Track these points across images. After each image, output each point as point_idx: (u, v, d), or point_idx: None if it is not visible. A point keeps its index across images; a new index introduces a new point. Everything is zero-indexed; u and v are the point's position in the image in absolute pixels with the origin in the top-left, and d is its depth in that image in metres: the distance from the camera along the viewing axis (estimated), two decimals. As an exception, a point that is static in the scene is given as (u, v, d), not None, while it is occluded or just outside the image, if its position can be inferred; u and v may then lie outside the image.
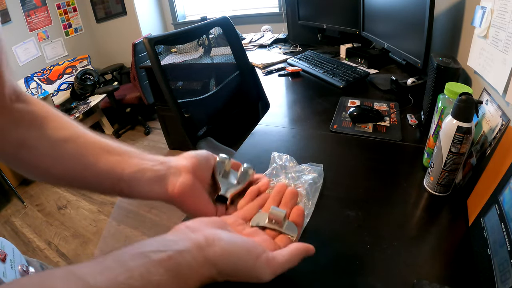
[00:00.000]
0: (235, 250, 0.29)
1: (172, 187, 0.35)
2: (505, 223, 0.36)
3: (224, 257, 0.28)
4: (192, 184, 0.35)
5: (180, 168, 0.36)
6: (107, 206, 1.97)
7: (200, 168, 0.38)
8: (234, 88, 1.28)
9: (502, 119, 0.49)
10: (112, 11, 3.08)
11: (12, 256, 0.44)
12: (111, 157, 0.34)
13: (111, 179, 0.33)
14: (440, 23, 0.95)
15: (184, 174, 0.36)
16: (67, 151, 0.33)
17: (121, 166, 0.34)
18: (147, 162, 0.35)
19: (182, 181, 0.35)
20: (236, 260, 0.29)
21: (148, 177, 0.34)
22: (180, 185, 0.35)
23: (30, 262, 0.48)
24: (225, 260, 0.28)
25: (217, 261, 0.27)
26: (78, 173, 0.33)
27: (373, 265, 0.42)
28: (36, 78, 2.70)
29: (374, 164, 0.64)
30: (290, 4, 1.74)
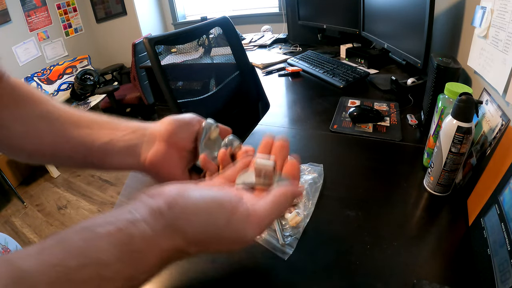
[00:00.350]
0: (202, 206, 0.23)
1: (144, 156, 0.33)
2: (505, 223, 0.36)
3: (188, 216, 0.23)
4: (165, 152, 0.33)
5: (154, 135, 0.34)
6: (107, 206, 1.97)
7: (178, 135, 0.34)
8: (234, 88, 1.28)
9: (502, 119, 0.49)
10: (112, 11, 3.08)
11: None
12: (81, 130, 0.33)
13: (82, 152, 0.32)
14: (440, 23, 0.95)
15: (158, 142, 0.33)
16: (38, 128, 0.32)
17: (91, 138, 0.33)
18: (117, 133, 0.34)
19: (155, 149, 0.33)
20: (206, 218, 0.23)
21: (119, 148, 0.33)
22: (152, 154, 0.33)
23: None
24: (191, 220, 0.23)
25: (181, 224, 0.22)
26: (49, 149, 0.33)
27: (373, 265, 0.42)
28: (36, 78, 2.70)
29: (374, 164, 0.64)
30: (290, 4, 1.74)
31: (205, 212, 0.23)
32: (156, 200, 0.23)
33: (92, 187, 2.19)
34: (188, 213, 0.23)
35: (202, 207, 0.24)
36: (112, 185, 2.17)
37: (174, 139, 0.34)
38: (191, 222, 0.23)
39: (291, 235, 0.47)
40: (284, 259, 0.44)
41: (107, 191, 2.11)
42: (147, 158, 0.33)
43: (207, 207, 0.24)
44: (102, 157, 0.33)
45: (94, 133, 0.33)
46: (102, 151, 0.33)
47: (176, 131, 0.34)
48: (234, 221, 0.24)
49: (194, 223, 0.23)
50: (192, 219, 0.23)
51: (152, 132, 0.34)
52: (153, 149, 0.33)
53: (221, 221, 0.24)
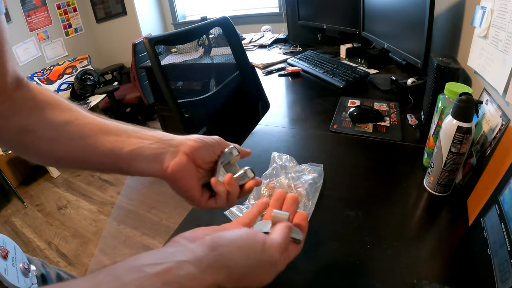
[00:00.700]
0: (240, 242, 0.28)
1: (166, 165, 0.36)
2: (505, 223, 0.36)
3: (231, 253, 0.27)
4: (185, 165, 0.36)
5: (179, 147, 0.37)
6: (107, 206, 1.97)
7: (200, 153, 0.37)
8: (234, 88, 1.28)
9: (502, 119, 0.49)
10: (112, 11, 3.08)
11: (14, 254, 0.45)
12: (110, 138, 0.35)
13: (111, 158, 0.35)
14: (440, 23, 0.95)
15: (180, 154, 0.36)
16: (67, 133, 0.34)
17: (120, 145, 0.35)
18: (144, 141, 0.36)
19: (176, 161, 0.36)
20: (246, 252, 0.28)
21: (146, 155, 0.35)
22: (174, 164, 0.36)
23: (31, 260, 0.48)
24: (234, 256, 0.27)
25: (224, 261, 0.26)
26: (79, 154, 0.35)
27: (373, 265, 0.42)
28: (36, 78, 2.70)
29: (374, 164, 0.64)
30: (290, 4, 1.74)
31: (244, 246, 0.28)
32: (197, 244, 0.27)
33: (92, 187, 2.19)
34: (230, 250, 0.27)
35: (240, 243, 0.28)
36: (112, 185, 2.17)
37: (196, 156, 0.37)
38: (233, 258, 0.27)
39: (291, 235, 0.47)
40: (284, 259, 0.44)
41: (107, 191, 2.12)
42: (169, 166, 0.36)
43: (244, 242, 0.28)
44: (130, 163, 0.35)
45: (123, 140, 0.35)
46: (131, 157, 0.35)
47: (199, 150, 0.37)
48: (267, 249, 0.29)
49: (236, 258, 0.27)
50: (235, 255, 0.27)
51: (178, 144, 0.37)
52: (176, 159, 0.36)
53: (258, 251, 0.28)
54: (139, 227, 1.73)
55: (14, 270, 0.43)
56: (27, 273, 0.44)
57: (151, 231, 1.69)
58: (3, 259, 0.42)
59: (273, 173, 0.61)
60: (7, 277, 0.40)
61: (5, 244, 0.44)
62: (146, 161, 0.35)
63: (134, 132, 0.37)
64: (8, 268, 0.42)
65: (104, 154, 0.35)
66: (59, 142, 0.34)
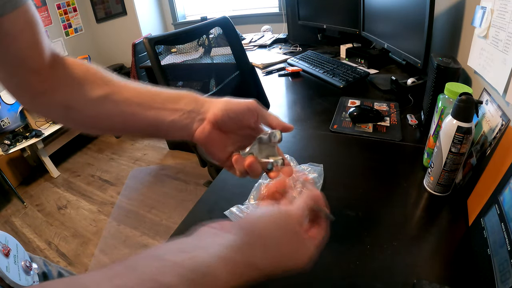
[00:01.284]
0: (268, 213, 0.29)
1: (193, 132, 0.40)
2: (505, 223, 0.36)
3: (262, 225, 0.27)
4: (208, 133, 0.39)
5: (205, 116, 0.39)
6: (107, 206, 1.97)
7: (224, 121, 0.39)
8: (234, 88, 1.28)
9: (502, 119, 0.49)
10: (112, 11, 3.08)
11: (15, 252, 0.45)
12: (150, 111, 0.38)
13: (152, 128, 0.39)
14: (440, 23, 0.95)
15: (205, 123, 0.39)
16: (106, 110, 0.37)
17: (160, 118, 0.39)
18: (176, 113, 0.39)
19: (200, 130, 0.39)
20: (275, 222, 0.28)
21: (179, 126, 0.39)
22: (198, 132, 0.39)
23: (33, 258, 0.48)
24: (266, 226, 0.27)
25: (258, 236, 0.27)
26: (121, 126, 0.39)
27: (373, 265, 0.42)
28: (36, 78, 2.70)
29: (374, 164, 0.64)
30: (290, 4, 1.74)
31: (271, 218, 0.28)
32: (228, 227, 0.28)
33: (92, 187, 2.19)
34: (260, 226, 0.27)
35: (267, 217, 0.28)
36: (112, 185, 2.17)
37: (220, 124, 0.39)
38: (265, 230, 0.27)
39: (291, 235, 0.47)
40: (284, 259, 0.44)
41: (107, 191, 2.12)
42: (195, 134, 0.39)
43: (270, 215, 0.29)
44: (167, 130, 0.39)
45: (161, 114, 0.39)
46: (168, 127, 0.39)
47: (223, 119, 0.38)
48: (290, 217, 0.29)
49: (267, 230, 0.27)
50: (266, 227, 0.27)
51: (205, 111, 0.39)
52: (200, 128, 0.39)
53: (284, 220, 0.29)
54: (139, 227, 1.73)
55: (16, 268, 0.43)
56: (29, 271, 0.44)
57: (151, 231, 1.69)
58: (5, 257, 0.42)
59: (273, 173, 0.61)
60: (8, 275, 0.40)
61: (7, 242, 0.45)
62: (179, 130, 0.40)
63: (168, 103, 0.40)
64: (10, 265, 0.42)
65: (144, 127, 0.39)
66: (100, 118, 0.38)
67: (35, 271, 0.46)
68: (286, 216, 0.29)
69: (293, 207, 0.30)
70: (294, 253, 0.29)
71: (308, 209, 0.32)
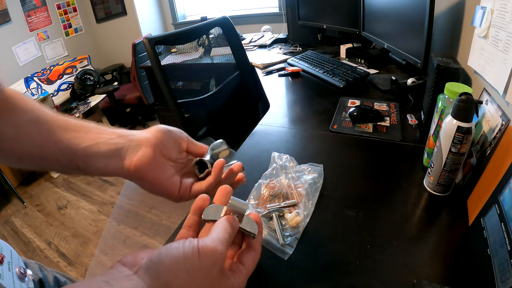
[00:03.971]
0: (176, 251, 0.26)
1: (129, 161, 0.33)
2: (505, 223, 0.36)
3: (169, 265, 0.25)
4: (151, 157, 0.33)
5: (141, 140, 0.34)
6: (107, 206, 1.97)
7: (165, 143, 0.35)
8: (234, 88, 1.28)
9: (502, 119, 0.49)
10: (112, 11, 3.08)
11: (10, 258, 0.44)
12: (68, 134, 0.33)
13: (67, 155, 0.33)
14: (440, 23, 0.95)
15: (144, 147, 0.34)
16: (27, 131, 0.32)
17: (77, 141, 0.33)
18: (104, 136, 0.34)
19: (141, 153, 0.33)
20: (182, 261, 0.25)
21: (104, 151, 0.33)
22: (138, 158, 0.33)
23: (28, 264, 0.47)
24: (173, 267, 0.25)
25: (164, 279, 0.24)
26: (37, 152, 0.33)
27: (373, 265, 0.42)
28: (36, 78, 2.70)
29: (374, 164, 0.64)
30: (290, 4, 1.74)
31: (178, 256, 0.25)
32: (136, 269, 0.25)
33: (92, 187, 2.19)
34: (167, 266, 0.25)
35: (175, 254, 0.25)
36: (112, 185, 2.17)
37: (161, 147, 0.35)
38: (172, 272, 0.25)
39: (291, 235, 0.47)
40: (284, 259, 0.44)
41: (107, 191, 2.12)
42: (133, 162, 0.33)
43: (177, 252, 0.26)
44: (86, 160, 0.33)
45: (80, 136, 0.33)
46: (87, 153, 0.33)
47: (164, 139, 0.35)
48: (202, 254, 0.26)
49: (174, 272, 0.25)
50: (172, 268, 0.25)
51: (139, 138, 0.35)
52: (140, 153, 0.33)
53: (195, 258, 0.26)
54: (139, 227, 1.73)
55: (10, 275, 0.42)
56: (23, 277, 0.43)
57: (151, 231, 1.69)
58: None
59: (273, 173, 0.61)
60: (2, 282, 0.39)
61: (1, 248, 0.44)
62: (104, 157, 0.33)
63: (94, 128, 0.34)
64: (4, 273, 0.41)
65: (61, 151, 0.32)
66: (19, 141, 0.32)
67: (30, 278, 0.45)
68: (198, 255, 0.25)
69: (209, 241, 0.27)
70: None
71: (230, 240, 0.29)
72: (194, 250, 0.26)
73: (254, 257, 0.32)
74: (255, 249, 0.32)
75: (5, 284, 0.39)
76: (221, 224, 0.29)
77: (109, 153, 0.33)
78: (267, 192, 0.56)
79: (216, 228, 0.29)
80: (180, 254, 0.25)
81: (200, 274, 0.25)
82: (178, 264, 0.25)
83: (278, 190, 0.55)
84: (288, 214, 0.50)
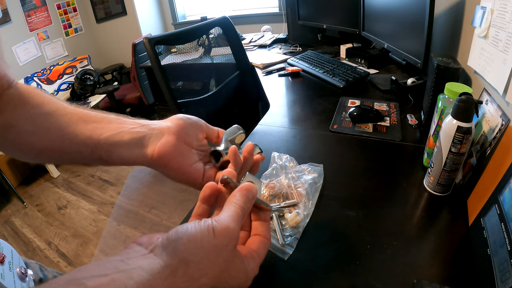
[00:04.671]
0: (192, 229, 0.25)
1: (152, 148, 0.33)
2: (505, 223, 0.36)
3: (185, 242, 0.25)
4: (174, 144, 0.34)
5: (163, 129, 0.34)
6: (107, 206, 1.97)
7: (187, 131, 0.36)
8: (234, 88, 1.28)
9: (502, 119, 0.49)
10: (112, 11, 3.08)
11: (10, 258, 0.44)
12: (89, 125, 0.33)
13: (89, 146, 0.33)
14: (440, 23, 0.95)
15: (167, 134, 0.34)
16: (46, 125, 0.33)
17: (99, 132, 0.33)
18: (125, 126, 0.34)
19: (164, 140, 0.33)
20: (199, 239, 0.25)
21: (127, 140, 0.33)
22: (161, 145, 0.33)
23: (29, 264, 0.47)
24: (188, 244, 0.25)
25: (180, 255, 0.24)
26: (57, 145, 0.33)
27: (373, 265, 0.42)
28: (36, 78, 2.70)
29: (374, 164, 0.64)
30: (290, 4, 1.74)
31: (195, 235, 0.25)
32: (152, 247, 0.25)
33: (92, 187, 2.19)
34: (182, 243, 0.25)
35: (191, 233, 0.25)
36: (112, 185, 2.17)
37: (183, 134, 0.35)
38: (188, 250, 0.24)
39: (291, 235, 0.47)
40: (284, 259, 0.44)
41: (107, 191, 2.12)
42: (156, 149, 0.33)
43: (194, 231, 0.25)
44: (109, 149, 0.33)
45: (102, 127, 0.33)
46: (110, 143, 0.33)
47: (186, 127, 0.36)
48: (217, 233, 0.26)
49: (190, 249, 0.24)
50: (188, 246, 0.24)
51: (161, 127, 0.35)
52: (162, 140, 0.33)
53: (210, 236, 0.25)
54: (139, 227, 1.73)
55: (11, 275, 0.42)
56: (24, 277, 0.43)
57: (151, 231, 1.69)
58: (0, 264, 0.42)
59: (273, 173, 0.61)
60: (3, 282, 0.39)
61: (2, 248, 0.44)
62: (127, 146, 0.33)
63: (115, 119, 0.35)
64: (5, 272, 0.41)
65: (82, 143, 0.32)
66: (38, 134, 0.33)
67: (31, 278, 0.45)
68: (213, 234, 0.26)
69: (223, 220, 0.27)
70: (225, 275, 0.26)
71: (243, 215, 0.29)
72: (209, 228, 0.26)
73: (265, 244, 0.32)
74: (266, 236, 0.32)
75: (6, 284, 0.39)
76: (234, 199, 0.29)
77: (132, 142, 0.33)
78: (267, 192, 0.56)
79: (229, 204, 0.29)
80: (197, 232, 0.25)
81: (215, 252, 0.25)
82: (195, 242, 0.25)
83: (278, 190, 0.56)
84: (288, 214, 0.50)
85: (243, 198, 0.29)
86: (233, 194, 0.30)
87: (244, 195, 0.30)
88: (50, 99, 0.35)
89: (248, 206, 0.30)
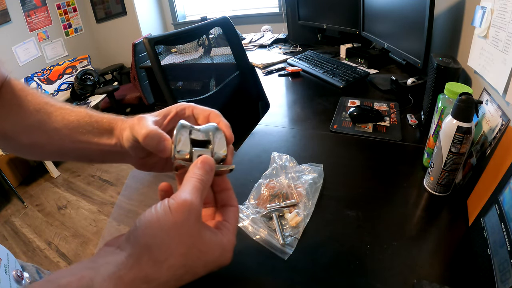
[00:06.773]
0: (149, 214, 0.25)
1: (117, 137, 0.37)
2: (505, 223, 0.36)
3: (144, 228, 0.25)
4: None
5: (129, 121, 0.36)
6: (107, 206, 1.97)
7: None
8: (234, 88, 1.28)
9: (502, 119, 0.49)
10: (112, 11, 3.08)
11: (6, 261, 0.43)
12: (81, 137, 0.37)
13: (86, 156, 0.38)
14: (440, 23, 0.95)
15: None
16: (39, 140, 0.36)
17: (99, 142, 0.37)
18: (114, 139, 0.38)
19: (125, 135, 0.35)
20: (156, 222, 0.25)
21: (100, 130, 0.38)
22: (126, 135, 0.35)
23: (25, 267, 0.47)
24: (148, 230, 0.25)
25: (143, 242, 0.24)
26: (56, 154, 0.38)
27: (373, 265, 0.42)
28: (36, 78, 2.70)
29: (374, 164, 0.64)
30: (290, 4, 1.74)
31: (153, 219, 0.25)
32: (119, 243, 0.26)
33: (92, 187, 2.19)
34: (143, 230, 0.25)
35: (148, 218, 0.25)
36: (112, 185, 2.17)
37: None
38: (149, 234, 0.25)
39: (291, 235, 0.47)
40: (284, 259, 0.44)
41: (107, 191, 2.12)
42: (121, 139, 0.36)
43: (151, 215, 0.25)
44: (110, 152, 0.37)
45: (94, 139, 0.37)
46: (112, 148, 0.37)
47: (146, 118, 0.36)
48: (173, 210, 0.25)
49: (151, 233, 0.25)
50: (148, 231, 0.25)
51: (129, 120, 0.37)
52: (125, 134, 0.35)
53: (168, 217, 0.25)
54: (139, 227, 1.73)
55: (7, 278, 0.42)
56: (20, 280, 0.43)
57: (151, 231, 1.69)
58: None
59: (273, 173, 0.61)
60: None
61: None
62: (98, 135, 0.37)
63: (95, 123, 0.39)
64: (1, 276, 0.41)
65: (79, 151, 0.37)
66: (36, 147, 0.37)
67: (27, 280, 0.44)
68: (169, 211, 0.25)
69: (179, 195, 0.26)
70: (193, 251, 0.26)
71: (203, 187, 0.28)
72: (166, 208, 0.25)
73: (234, 213, 0.32)
74: (233, 204, 0.32)
75: (1, 287, 0.39)
76: (190, 174, 0.29)
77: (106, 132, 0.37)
78: (267, 192, 0.56)
79: (185, 180, 0.28)
80: (153, 216, 0.25)
81: (175, 229, 0.25)
82: (152, 224, 0.25)
83: (278, 190, 0.56)
84: (288, 214, 0.50)
85: (200, 170, 0.29)
86: (189, 170, 0.29)
87: (201, 167, 0.29)
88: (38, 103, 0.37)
89: (207, 178, 0.29)
